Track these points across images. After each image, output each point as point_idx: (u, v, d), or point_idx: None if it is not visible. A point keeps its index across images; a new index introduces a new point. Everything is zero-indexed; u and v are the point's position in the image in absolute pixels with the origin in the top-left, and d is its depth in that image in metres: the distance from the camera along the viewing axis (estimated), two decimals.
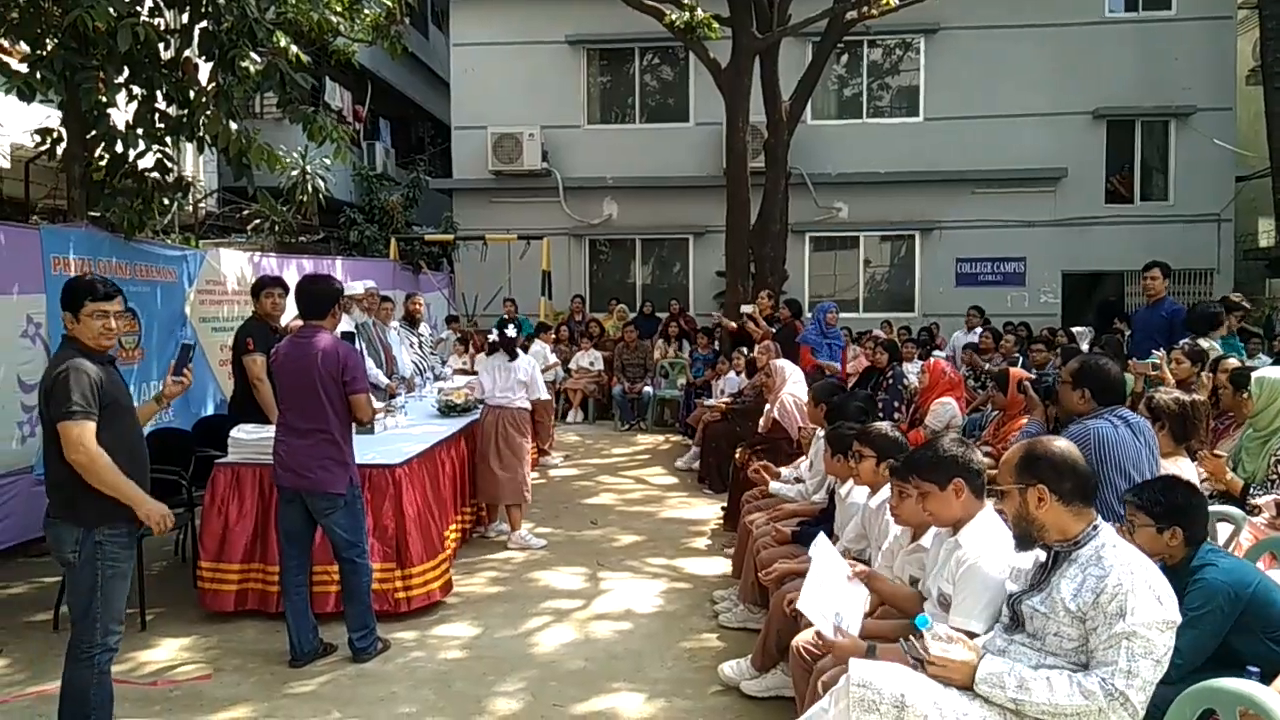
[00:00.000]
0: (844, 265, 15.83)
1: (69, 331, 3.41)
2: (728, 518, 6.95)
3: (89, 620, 3.35)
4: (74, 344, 3.38)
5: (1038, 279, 15.21)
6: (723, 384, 10.22)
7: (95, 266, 6.59)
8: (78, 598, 3.36)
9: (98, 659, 3.38)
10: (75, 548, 3.31)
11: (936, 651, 2.56)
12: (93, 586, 3.33)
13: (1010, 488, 2.63)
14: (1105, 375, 3.90)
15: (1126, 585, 2.38)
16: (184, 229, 11.23)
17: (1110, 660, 2.36)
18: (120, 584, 3.41)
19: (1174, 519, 2.91)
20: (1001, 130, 14.85)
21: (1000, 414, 6.24)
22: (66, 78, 6.06)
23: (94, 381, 3.28)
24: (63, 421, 3.20)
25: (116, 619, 3.41)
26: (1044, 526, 2.59)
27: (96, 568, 3.32)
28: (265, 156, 7.08)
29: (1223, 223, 14.88)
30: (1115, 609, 2.37)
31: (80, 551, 3.31)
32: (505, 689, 4.22)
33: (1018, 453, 2.68)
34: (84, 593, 3.34)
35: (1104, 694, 2.33)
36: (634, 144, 15.62)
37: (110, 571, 3.36)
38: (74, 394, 3.20)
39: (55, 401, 3.22)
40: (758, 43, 10.91)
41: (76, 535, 3.31)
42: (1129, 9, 15.00)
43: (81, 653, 3.37)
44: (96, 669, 3.38)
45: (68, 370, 3.24)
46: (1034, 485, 2.58)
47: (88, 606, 3.34)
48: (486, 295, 14.66)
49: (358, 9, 9.06)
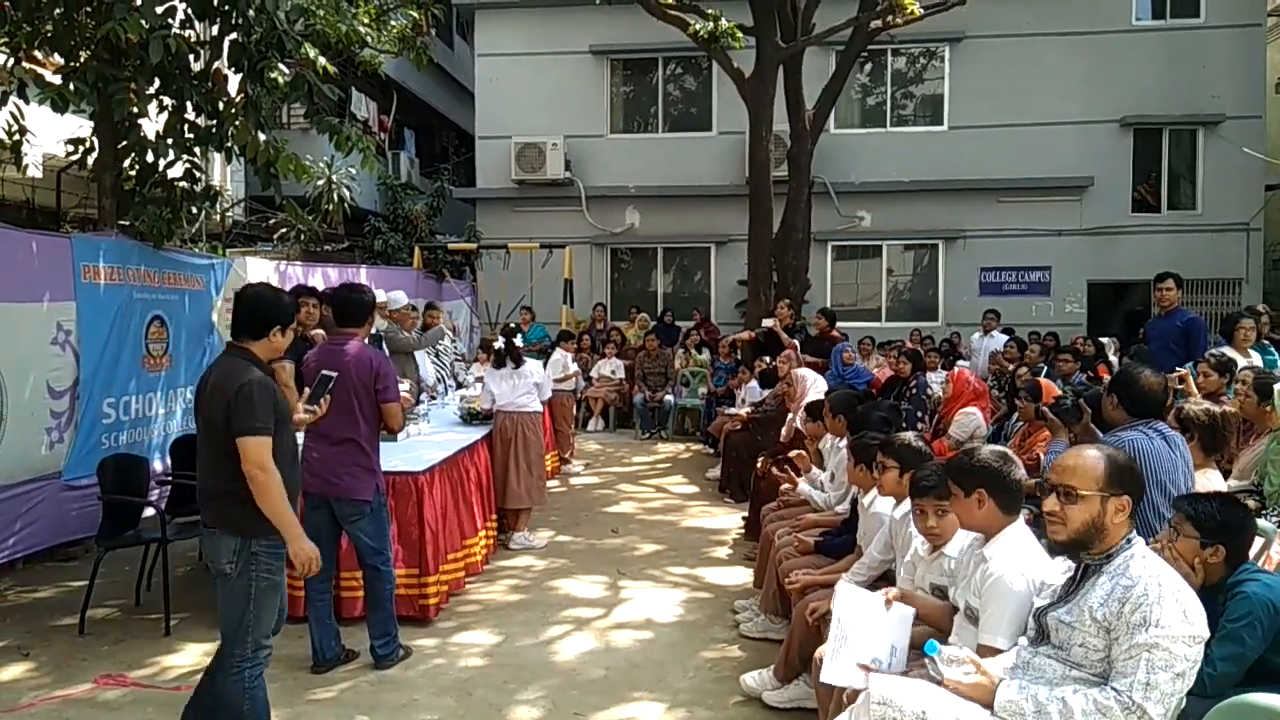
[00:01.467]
0: (867, 274, 15.77)
1: (246, 344, 3.39)
2: (749, 527, 6.93)
3: (241, 631, 3.30)
4: (244, 353, 3.36)
5: (1063, 288, 15.09)
6: (744, 393, 10.19)
7: (125, 275, 6.68)
8: (231, 608, 3.31)
9: (247, 673, 3.32)
10: (232, 558, 3.27)
11: (950, 676, 2.55)
12: (247, 597, 3.29)
13: (1091, 495, 2.51)
14: (1140, 386, 3.85)
15: (1152, 596, 2.35)
16: (211, 238, 11.36)
17: (1129, 671, 2.32)
18: (272, 596, 3.36)
19: (1222, 537, 2.86)
20: (1027, 139, 14.76)
21: (1026, 424, 6.20)
22: (99, 89, 6.16)
23: (273, 397, 3.27)
24: (247, 436, 3.16)
25: (266, 632, 3.37)
26: (1109, 536, 2.52)
27: (251, 578, 3.29)
28: (293, 166, 7.15)
29: (1251, 232, 14.71)
30: (1139, 619, 2.34)
31: (237, 562, 3.27)
32: (526, 697, 4.22)
33: (1103, 461, 2.56)
34: (238, 604, 3.29)
35: (1120, 708, 2.29)
36: (657, 153, 15.65)
37: (264, 583, 3.32)
38: (259, 410, 3.18)
39: (240, 414, 3.18)
40: (781, 52, 10.90)
41: (234, 545, 3.27)
42: (1157, 16, 14.89)
43: (232, 667, 3.31)
44: (246, 683, 3.32)
45: (252, 384, 3.21)
46: (1119, 496, 2.51)
47: (240, 618, 3.29)
48: (509, 304, 14.70)
49: (384, 21, 9.15)
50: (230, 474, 3.22)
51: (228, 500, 3.27)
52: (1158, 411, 3.89)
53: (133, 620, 5.23)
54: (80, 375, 6.31)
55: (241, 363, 3.32)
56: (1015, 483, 2.98)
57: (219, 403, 3.23)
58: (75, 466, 6.22)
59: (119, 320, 6.65)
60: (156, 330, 7.10)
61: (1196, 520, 2.90)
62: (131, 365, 6.80)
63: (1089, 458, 2.58)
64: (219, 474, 3.27)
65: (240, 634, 3.30)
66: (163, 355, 7.18)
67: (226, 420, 3.20)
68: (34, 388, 5.99)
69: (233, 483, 3.23)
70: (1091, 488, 2.52)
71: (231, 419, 3.19)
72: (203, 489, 3.38)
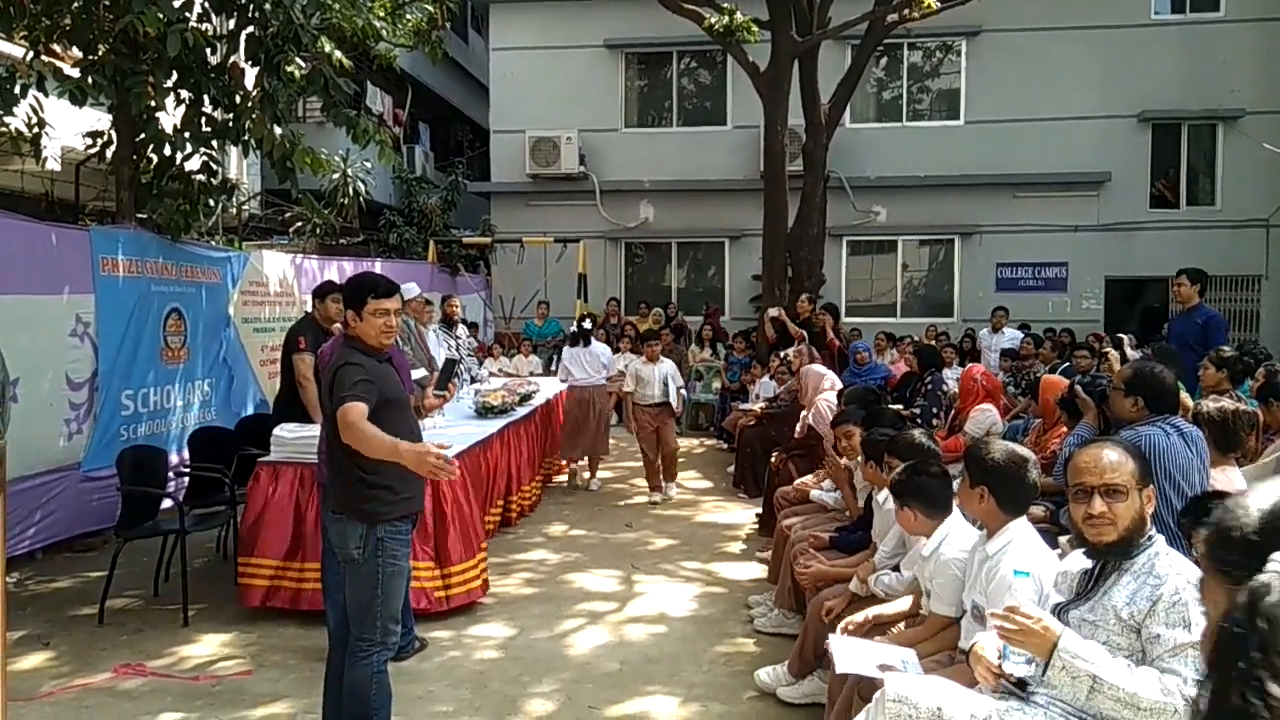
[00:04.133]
0: (882, 269, 15.71)
1: (350, 330, 3.40)
2: (763, 522, 6.93)
3: (370, 618, 3.32)
4: (355, 342, 3.39)
5: (1080, 284, 14.98)
6: (758, 388, 10.18)
7: (143, 268, 6.72)
8: (359, 595, 3.33)
9: (376, 658, 3.34)
10: (360, 544, 3.29)
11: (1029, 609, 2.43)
12: (374, 583, 3.31)
13: (1132, 489, 2.48)
14: (1159, 382, 3.83)
15: (1185, 596, 2.32)
16: (228, 231, 11.42)
17: (1179, 669, 2.28)
18: (399, 582, 3.40)
19: None
20: (1044, 134, 14.65)
21: (1040, 421, 6.16)
22: (117, 82, 6.20)
23: (369, 375, 3.28)
24: (339, 408, 3.19)
25: (394, 617, 3.39)
26: (1146, 528, 2.50)
27: (378, 565, 3.31)
28: (309, 160, 7.18)
29: (1271, 228, 14.56)
30: (1178, 618, 2.31)
31: (364, 548, 3.30)
32: (541, 690, 4.24)
33: (1130, 454, 2.54)
34: (366, 589, 3.32)
35: (1182, 698, 2.24)
36: (671, 147, 15.62)
37: (391, 569, 3.34)
38: (348, 381, 3.21)
39: (333, 393, 3.24)
40: (797, 46, 10.85)
41: (361, 531, 3.30)
42: (1175, 10, 14.75)
43: (361, 652, 3.32)
44: (375, 668, 3.34)
45: (344, 364, 3.27)
46: (1148, 486, 2.51)
47: (369, 604, 3.31)
48: (524, 298, 14.73)
49: (400, 15, 9.16)
50: (348, 461, 3.27)
51: (350, 486, 3.31)
52: (1173, 407, 3.87)
53: (151, 610, 5.27)
54: (99, 367, 6.36)
55: (346, 350, 3.37)
56: (1025, 485, 2.96)
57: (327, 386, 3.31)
58: (94, 458, 6.27)
59: (137, 312, 6.70)
60: (174, 323, 7.15)
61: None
62: (150, 357, 6.85)
63: (1118, 454, 2.54)
64: (341, 461, 3.31)
65: (369, 619, 3.32)
66: (180, 348, 7.23)
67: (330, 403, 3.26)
68: (53, 379, 6.04)
69: (352, 470, 3.28)
70: (1131, 482, 2.49)
71: (330, 401, 3.26)
72: (331, 477, 3.43)
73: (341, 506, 3.35)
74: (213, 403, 7.71)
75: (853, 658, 3.05)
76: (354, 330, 3.40)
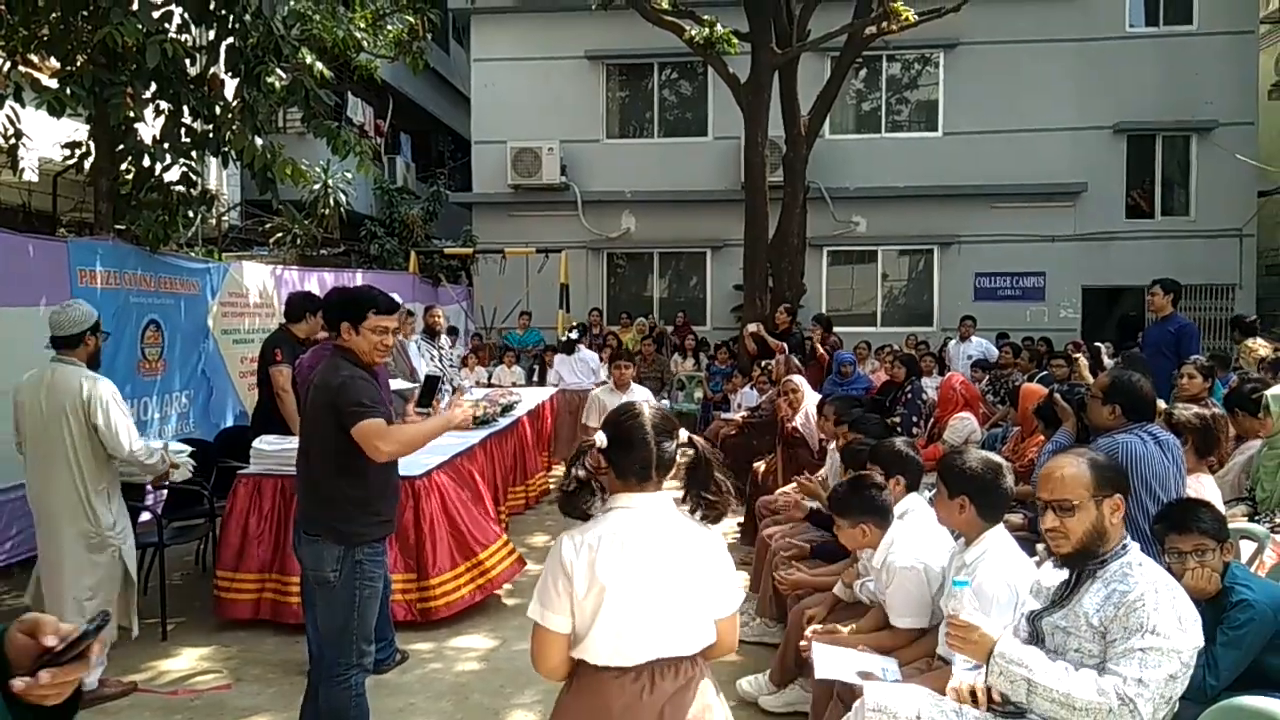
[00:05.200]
0: (862, 279, 15.81)
1: (344, 341, 3.35)
2: (745, 531, 6.94)
3: (345, 639, 3.27)
4: (347, 355, 3.34)
5: (1057, 294, 15.14)
6: (740, 398, 10.22)
7: (121, 279, 6.68)
8: (334, 617, 3.29)
9: (354, 680, 3.30)
10: (336, 566, 3.24)
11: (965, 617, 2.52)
12: (350, 605, 3.27)
13: (1085, 502, 2.50)
14: (1136, 391, 3.87)
15: (1150, 603, 2.36)
16: (207, 242, 11.35)
17: (1123, 668, 2.33)
18: (373, 603, 3.35)
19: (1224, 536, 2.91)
20: (1021, 145, 14.82)
21: (1019, 429, 6.22)
22: (95, 93, 6.16)
23: (371, 389, 3.26)
24: (358, 424, 3.15)
25: (368, 638, 3.35)
26: (1110, 538, 2.52)
27: (355, 586, 3.27)
28: (289, 171, 7.16)
29: (1245, 238, 14.78)
30: (1135, 623, 2.36)
31: (341, 570, 3.25)
32: (522, 700, 4.23)
33: (1086, 467, 2.56)
34: (341, 611, 3.27)
35: (1116, 696, 2.30)
36: (652, 158, 15.68)
37: (367, 591, 3.30)
38: (362, 397, 3.18)
39: (343, 410, 3.17)
40: (777, 58, 10.94)
41: (337, 554, 3.25)
42: (1150, 24, 14.97)
43: (338, 674, 3.28)
44: (354, 690, 3.30)
45: (348, 378, 3.21)
46: (1111, 496, 2.52)
47: (345, 625, 3.27)
48: (505, 308, 14.73)
49: (381, 26, 9.17)
50: (335, 480, 3.24)
51: (335, 507, 3.26)
52: (1150, 415, 3.91)
53: None
54: None
55: (337, 361, 3.33)
56: (1001, 492, 3.01)
57: (320, 407, 3.24)
58: None
59: (115, 325, 6.64)
60: (152, 335, 7.10)
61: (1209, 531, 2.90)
62: (127, 370, 6.80)
63: (1072, 466, 2.58)
64: (328, 482, 3.26)
65: (345, 642, 3.27)
66: (157, 359, 7.18)
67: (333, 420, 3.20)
68: None
69: (337, 490, 3.24)
70: (1083, 495, 2.52)
71: (339, 416, 3.18)
72: (311, 499, 3.35)
73: (318, 528, 3.29)
74: (191, 415, 7.66)
75: (833, 664, 3.07)
76: (347, 342, 3.33)
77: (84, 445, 4.18)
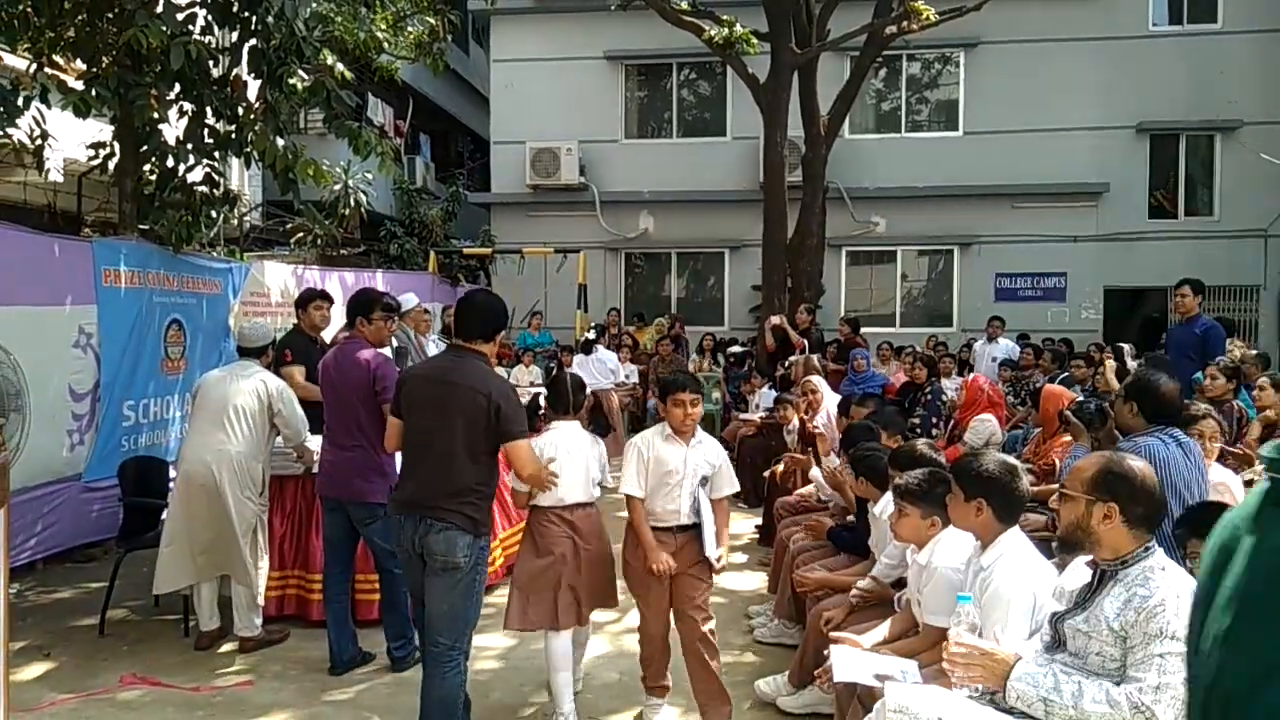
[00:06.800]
0: (881, 280, 15.74)
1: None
2: (763, 532, 6.93)
3: (462, 623, 3.51)
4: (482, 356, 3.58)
5: (1079, 295, 15.01)
6: (758, 398, 10.18)
7: (145, 279, 6.74)
8: (455, 603, 3.48)
9: (463, 663, 3.53)
10: (467, 553, 3.44)
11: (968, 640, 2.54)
12: (472, 590, 3.52)
13: (1078, 496, 2.52)
14: (1155, 390, 3.85)
15: (1171, 608, 2.34)
16: (229, 242, 11.44)
17: (1141, 675, 2.32)
18: (483, 588, 3.63)
19: None
20: (1042, 144, 14.69)
21: (1041, 431, 6.18)
22: (120, 94, 6.23)
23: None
24: (518, 441, 3.47)
25: (474, 623, 3.61)
26: (1099, 542, 2.52)
27: (479, 573, 3.54)
28: (311, 171, 7.21)
29: (1270, 239, 14.60)
30: (1155, 629, 2.34)
31: (470, 556, 3.46)
32: (541, 700, 4.25)
33: (1096, 465, 2.57)
34: (464, 594, 3.49)
35: (1129, 706, 2.28)
36: (671, 158, 15.67)
37: (483, 577, 3.61)
38: (526, 418, 3.49)
39: (509, 419, 3.42)
40: (796, 58, 10.91)
41: (469, 541, 3.45)
42: (1173, 22, 14.82)
43: (450, 662, 3.48)
44: (462, 676, 3.54)
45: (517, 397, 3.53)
46: (1105, 502, 2.49)
47: (464, 609, 3.50)
48: (523, 308, 14.74)
49: (402, 27, 9.22)
50: (482, 475, 3.47)
51: (473, 500, 3.46)
52: (1175, 418, 3.88)
53: (152, 621, 5.27)
54: (101, 378, 6.37)
55: (488, 366, 3.55)
56: (1017, 495, 2.99)
57: (477, 403, 3.39)
58: (96, 468, 6.28)
59: (139, 323, 6.72)
60: (175, 333, 7.16)
61: None
62: (151, 368, 6.87)
63: (1087, 461, 2.63)
64: (468, 475, 3.44)
65: (462, 625, 3.50)
66: (180, 358, 7.24)
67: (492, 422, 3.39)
68: (56, 390, 6.05)
69: (482, 484, 3.48)
70: (1078, 490, 2.54)
71: (501, 423, 3.41)
72: (450, 488, 3.46)
73: (452, 517, 3.45)
74: None
75: (851, 667, 3.06)
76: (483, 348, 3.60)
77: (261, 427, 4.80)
